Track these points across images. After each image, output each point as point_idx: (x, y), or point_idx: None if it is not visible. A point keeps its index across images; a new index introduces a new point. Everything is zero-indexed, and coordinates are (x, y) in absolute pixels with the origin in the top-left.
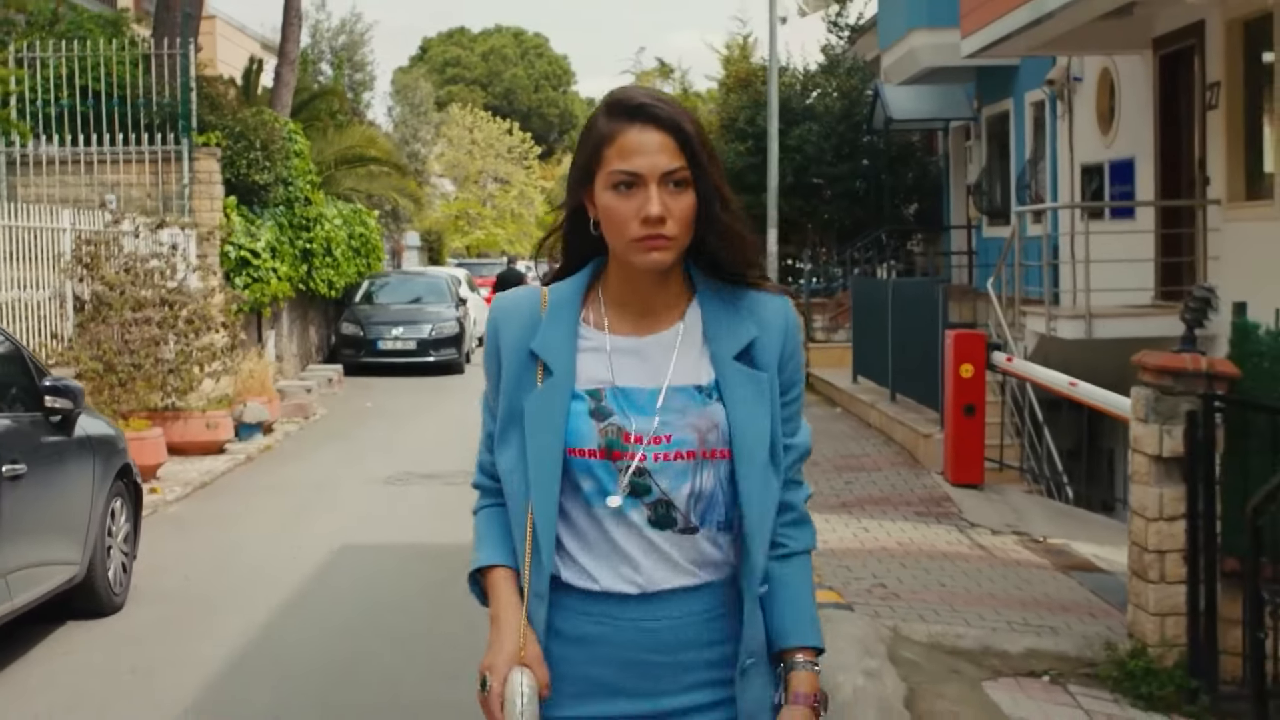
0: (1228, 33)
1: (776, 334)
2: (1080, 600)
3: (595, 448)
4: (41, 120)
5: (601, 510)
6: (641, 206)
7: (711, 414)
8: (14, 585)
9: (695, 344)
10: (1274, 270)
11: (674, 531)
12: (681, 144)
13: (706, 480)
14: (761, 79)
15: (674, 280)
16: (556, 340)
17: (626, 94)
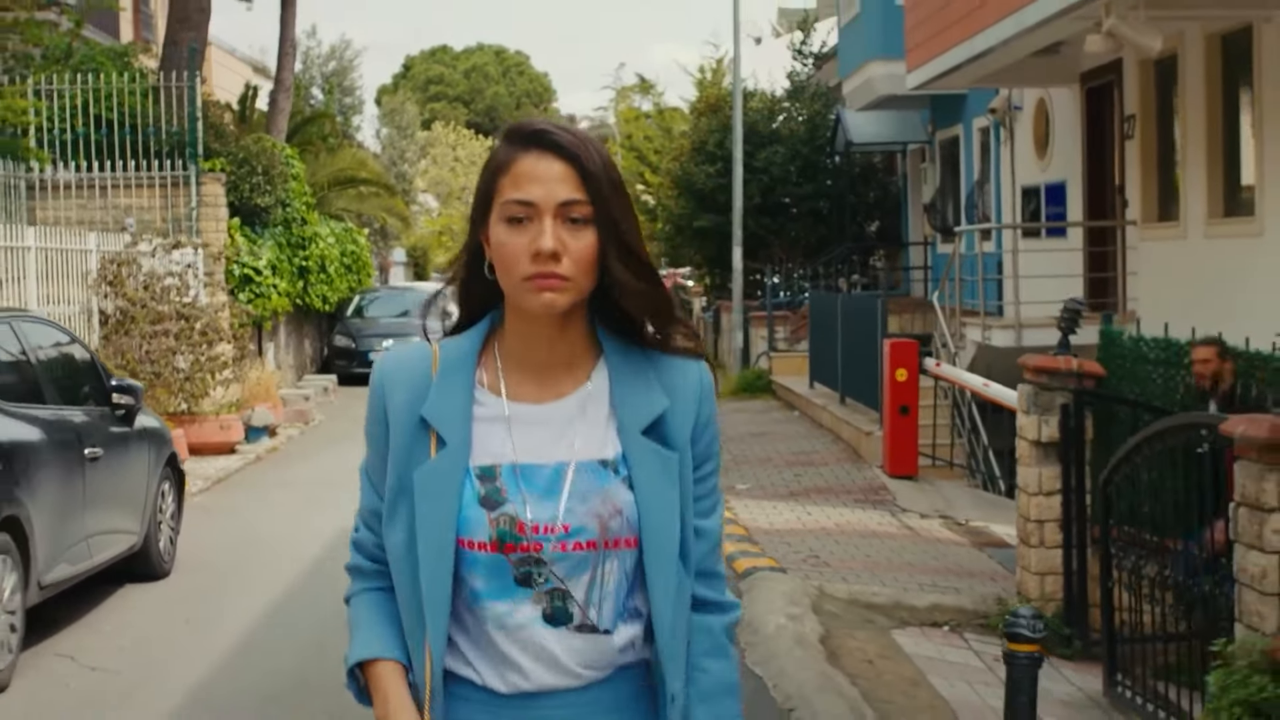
0: (1141, 71)
1: (689, 403)
2: (986, 569)
3: (486, 540)
4: (58, 147)
5: (486, 609)
6: (534, 240)
7: (615, 497)
8: (94, 546)
9: (601, 412)
10: (1181, 283)
11: (569, 629)
12: (584, 177)
13: (609, 572)
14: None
15: (577, 335)
16: (449, 407)
17: (527, 120)
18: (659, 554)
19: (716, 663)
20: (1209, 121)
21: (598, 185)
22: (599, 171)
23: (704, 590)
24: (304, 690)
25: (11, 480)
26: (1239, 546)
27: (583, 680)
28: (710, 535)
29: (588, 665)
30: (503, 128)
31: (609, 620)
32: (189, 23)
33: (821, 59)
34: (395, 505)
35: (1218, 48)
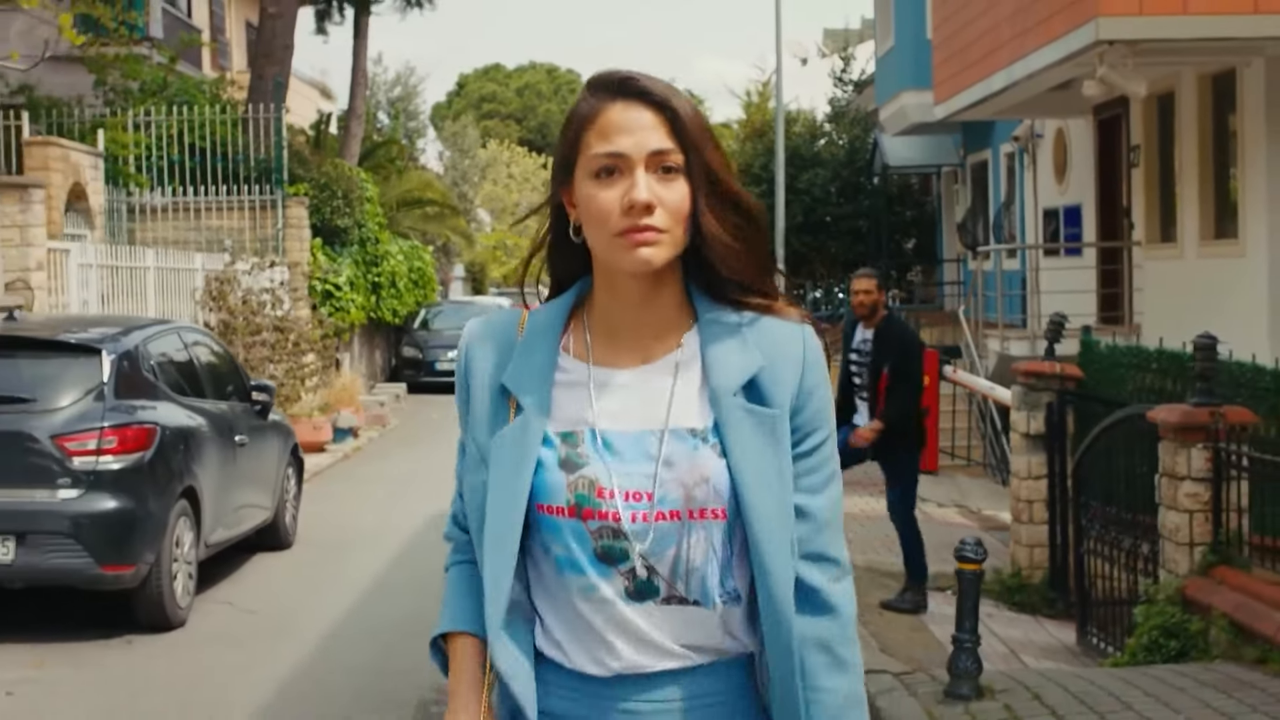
0: (1144, 106)
1: (791, 365)
2: (988, 546)
3: (564, 504)
4: (155, 173)
5: (570, 580)
6: (626, 193)
7: (701, 464)
8: (241, 517)
9: (694, 378)
10: (1178, 298)
11: (656, 603)
12: (674, 124)
13: (696, 546)
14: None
15: (670, 299)
16: (530, 372)
17: (611, 69)
18: (761, 519)
19: (835, 679)
20: (1200, 152)
21: (689, 133)
22: (690, 118)
23: (815, 575)
24: (412, 633)
25: (189, 459)
26: (1161, 508)
27: (683, 661)
28: (818, 515)
29: (685, 643)
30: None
31: (698, 592)
32: (273, 58)
33: (861, 85)
34: (475, 476)
35: (1209, 87)
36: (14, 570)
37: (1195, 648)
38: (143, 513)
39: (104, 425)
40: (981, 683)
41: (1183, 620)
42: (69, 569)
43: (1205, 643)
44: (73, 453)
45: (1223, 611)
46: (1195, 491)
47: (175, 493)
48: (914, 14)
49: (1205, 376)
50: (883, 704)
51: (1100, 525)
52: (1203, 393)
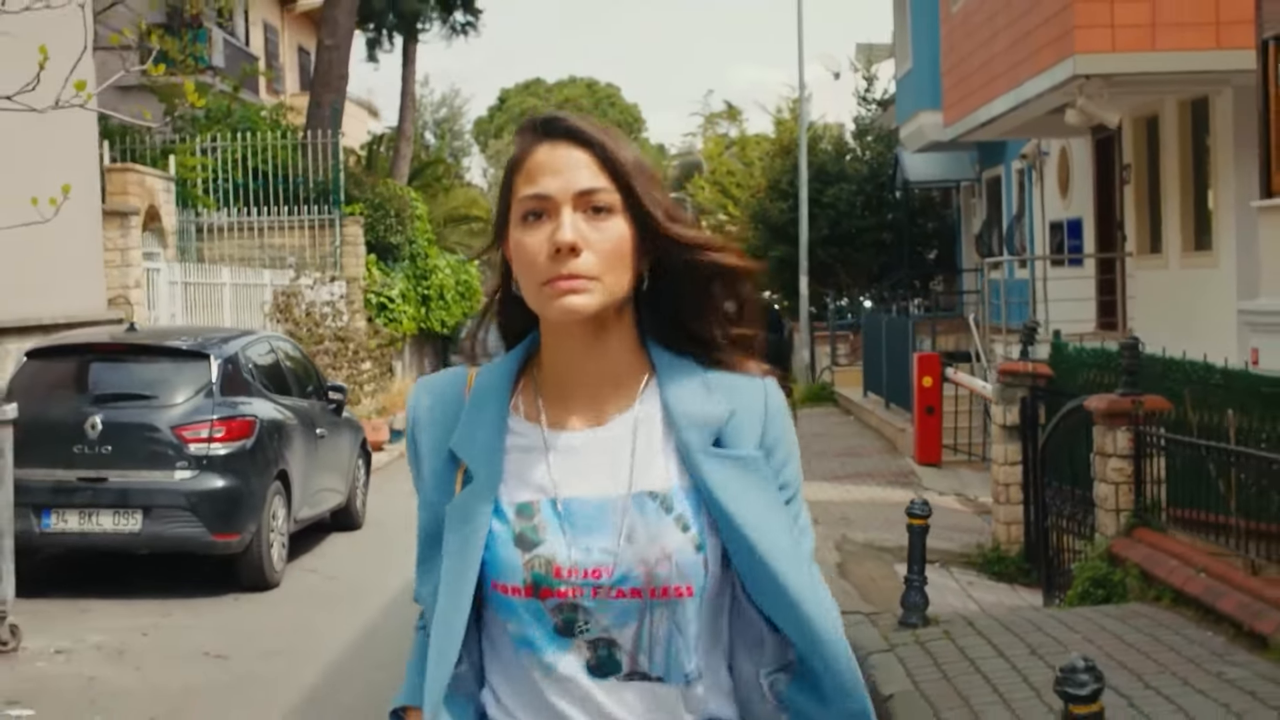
0: (1134, 128)
1: (752, 418)
2: (977, 527)
3: (519, 584)
4: (221, 194)
5: (528, 658)
6: (551, 235)
7: (663, 540)
8: (322, 499)
9: (655, 434)
10: (1164, 305)
11: (618, 679)
12: (605, 161)
13: (659, 623)
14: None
15: (621, 349)
16: (479, 437)
17: (539, 112)
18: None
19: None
20: (1181, 171)
21: (621, 168)
22: (623, 154)
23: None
24: None
25: (281, 447)
26: (1095, 481)
27: None
28: None
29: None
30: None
31: (662, 668)
32: (330, 86)
33: (885, 103)
34: (427, 550)
35: (1188, 112)
36: (141, 538)
37: (1116, 594)
38: (246, 490)
39: (213, 418)
40: (928, 615)
41: (1108, 573)
42: (185, 537)
43: (1124, 590)
44: (188, 440)
45: (1135, 562)
46: (1120, 466)
47: (271, 474)
48: (929, 40)
49: (1129, 371)
50: (851, 634)
51: (1059, 502)
52: (1127, 385)
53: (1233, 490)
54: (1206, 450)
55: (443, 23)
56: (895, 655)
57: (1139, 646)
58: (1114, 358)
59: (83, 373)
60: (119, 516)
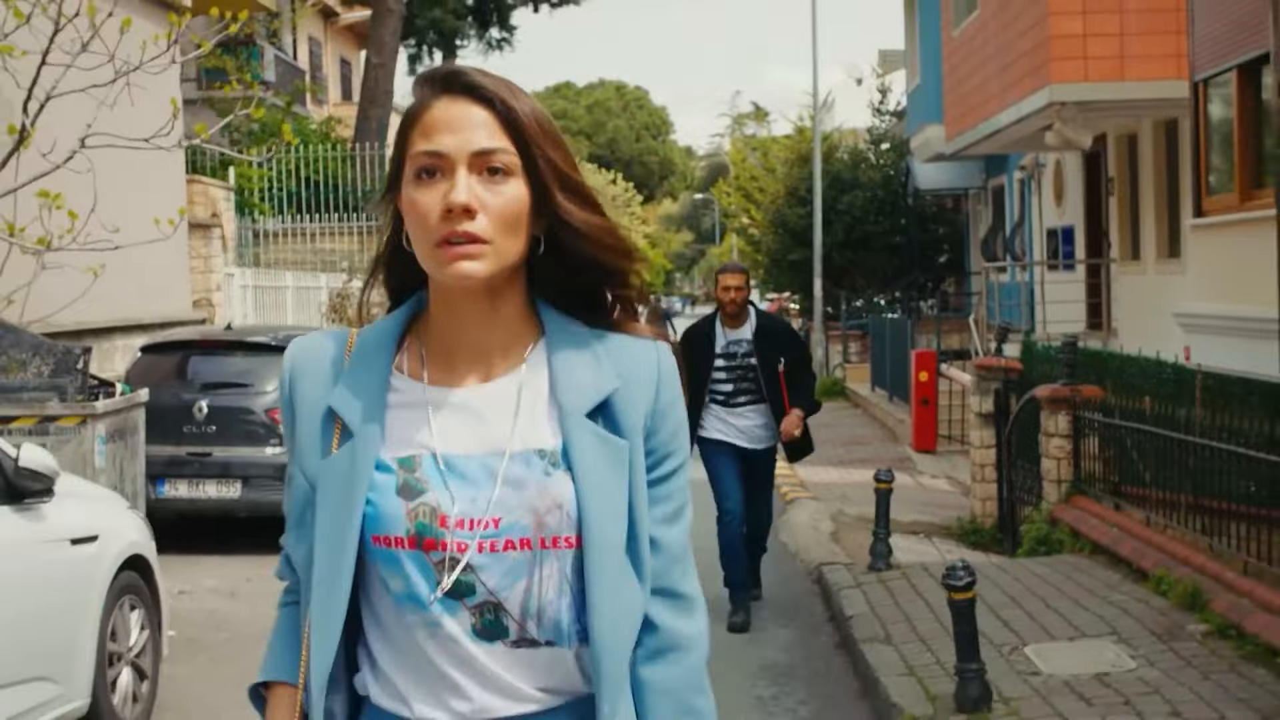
0: (1117, 144)
1: (644, 386)
2: (961, 504)
3: (403, 534)
4: (275, 202)
5: (412, 617)
6: (445, 195)
7: (554, 490)
8: None
9: (541, 397)
10: (1143, 308)
11: (506, 644)
12: (506, 121)
13: (549, 579)
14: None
15: (511, 311)
16: (360, 394)
17: (442, 66)
18: (600, 552)
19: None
20: (1156, 185)
21: (523, 128)
22: (524, 113)
23: (662, 612)
24: None
25: None
26: (1042, 457)
27: (537, 705)
28: (670, 548)
29: (539, 685)
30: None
31: (551, 631)
32: (377, 101)
33: (899, 114)
34: (301, 514)
35: (1162, 132)
36: (240, 504)
37: (1055, 549)
38: None
39: None
40: (891, 562)
41: (1049, 532)
42: (277, 503)
43: (1061, 545)
44: (279, 421)
45: (1068, 523)
46: (1061, 444)
47: None
48: (936, 59)
49: (1069, 364)
50: (830, 577)
51: (1022, 478)
52: (1067, 376)
53: (1147, 463)
54: (1124, 430)
55: (479, 39)
56: (860, 590)
57: (1053, 583)
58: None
59: (189, 365)
60: (222, 485)
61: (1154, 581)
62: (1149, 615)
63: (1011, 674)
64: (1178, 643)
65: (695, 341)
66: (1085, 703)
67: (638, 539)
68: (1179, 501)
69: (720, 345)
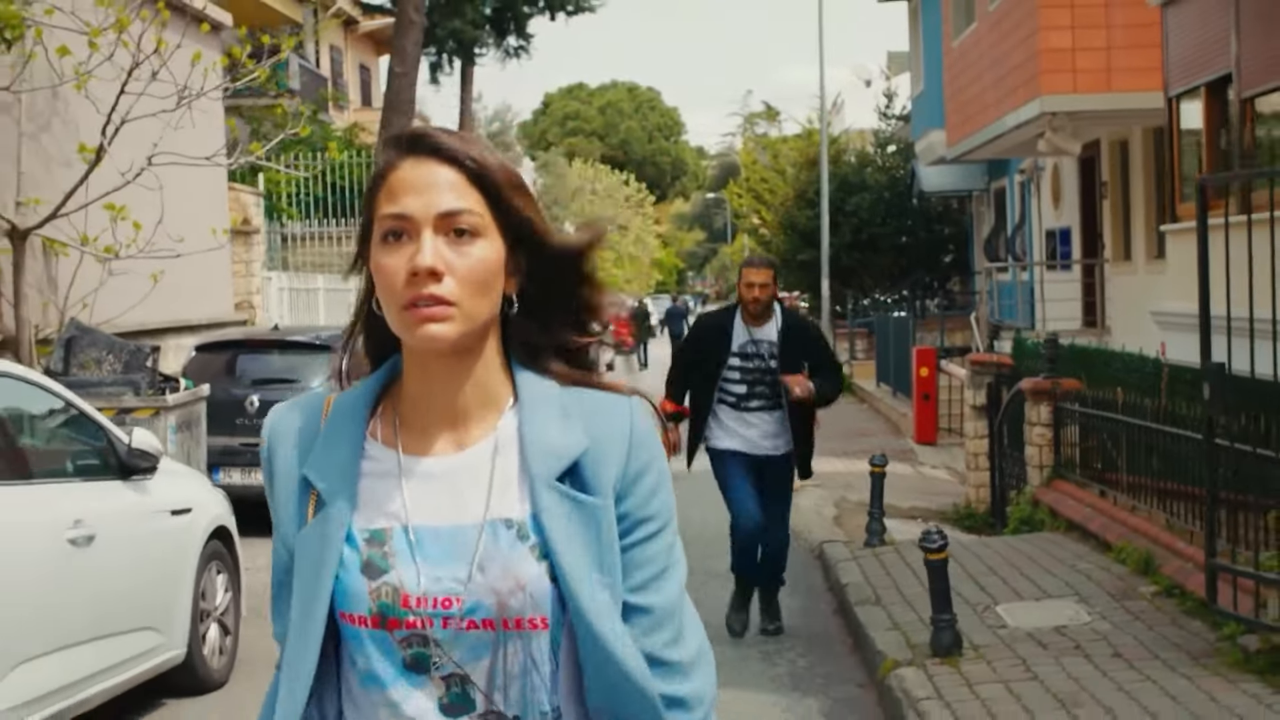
0: (1110, 150)
1: (615, 447)
2: (957, 492)
3: (365, 613)
4: (301, 207)
5: (375, 696)
6: (411, 258)
7: (516, 569)
8: None
9: (512, 463)
10: (1133, 307)
11: (471, 718)
12: (474, 180)
13: (512, 655)
14: (831, 157)
15: (484, 373)
16: (333, 462)
17: (411, 128)
18: (589, 616)
19: None
20: (1145, 190)
21: (492, 188)
22: (491, 171)
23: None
24: None
25: None
26: (1026, 445)
27: None
28: (651, 614)
29: None
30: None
31: (518, 706)
32: (400, 110)
33: (904, 118)
34: (283, 579)
35: (1151, 138)
36: None
37: (1036, 529)
38: None
39: None
40: (885, 539)
41: (1032, 513)
42: None
43: (1041, 525)
44: None
45: (1047, 504)
46: (1043, 432)
47: None
48: (938, 66)
49: (1050, 359)
50: (830, 552)
51: (1010, 464)
52: (1049, 369)
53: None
54: (1097, 419)
55: (497, 47)
56: (856, 562)
57: (1028, 555)
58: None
59: (239, 362)
60: None
61: (1116, 551)
62: (1108, 579)
63: (982, 627)
64: (1129, 601)
65: (708, 334)
66: (1043, 648)
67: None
68: (1143, 484)
69: (738, 343)
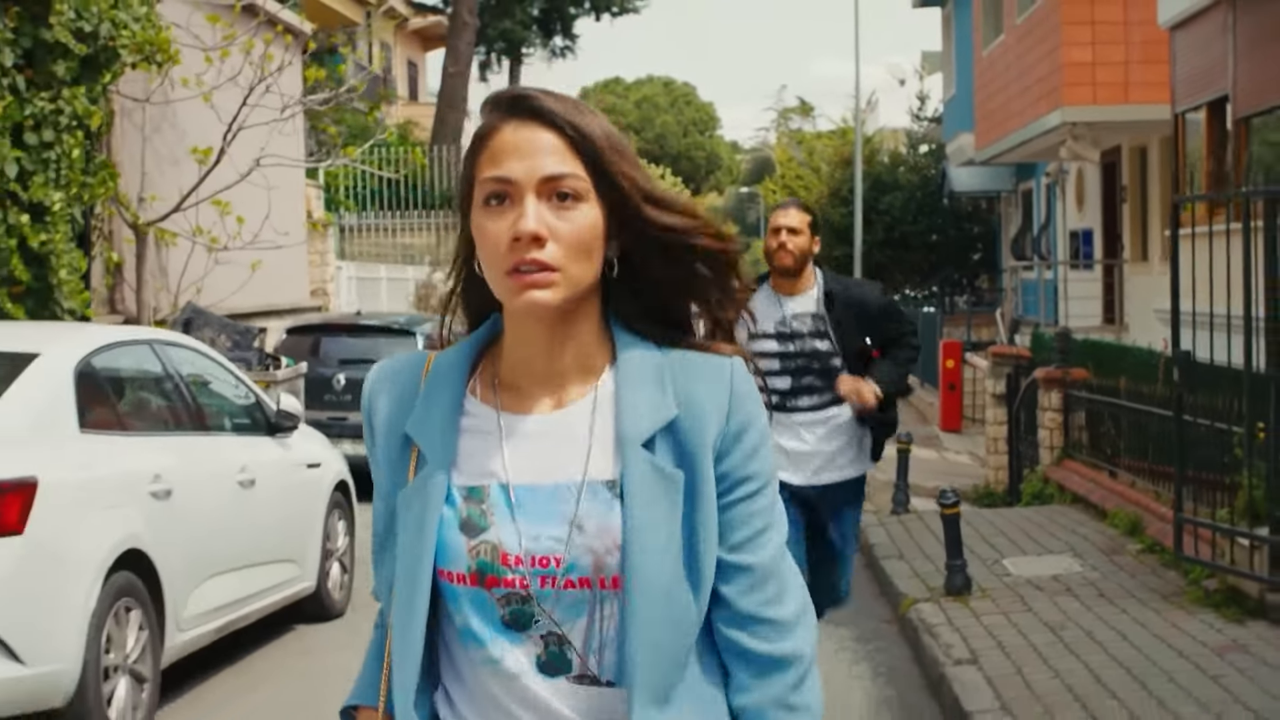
0: (1130, 155)
1: (713, 408)
2: (979, 474)
3: (464, 571)
4: (359, 200)
5: (474, 652)
6: (514, 223)
7: (614, 529)
8: None
9: (609, 424)
10: (1150, 303)
11: (568, 680)
12: (575, 145)
13: (610, 618)
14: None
15: (585, 335)
16: (433, 420)
17: (508, 89)
18: (640, 586)
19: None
20: (1162, 194)
21: (596, 153)
22: (597, 136)
23: (749, 641)
24: None
25: None
26: (1039, 428)
27: None
28: (753, 573)
29: None
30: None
31: (612, 671)
32: (454, 106)
33: (936, 120)
34: (384, 537)
35: (1169, 146)
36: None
37: (1046, 503)
38: None
39: None
40: (909, 509)
41: (1042, 489)
42: None
43: (1051, 499)
44: None
45: (1055, 480)
46: (1054, 417)
47: None
48: (969, 72)
49: (1062, 350)
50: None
51: (1025, 448)
52: (1060, 360)
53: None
54: (1101, 404)
55: (544, 47)
56: (883, 527)
57: (1036, 522)
58: (1076, 345)
59: (326, 344)
60: (355, 444)
61: (1111, 518)
62: (1101, 540)
63: (990, 575)
64: (1117, 556)
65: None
66: (1039, 590)
67: (699, 575)
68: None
69: (770, 321)
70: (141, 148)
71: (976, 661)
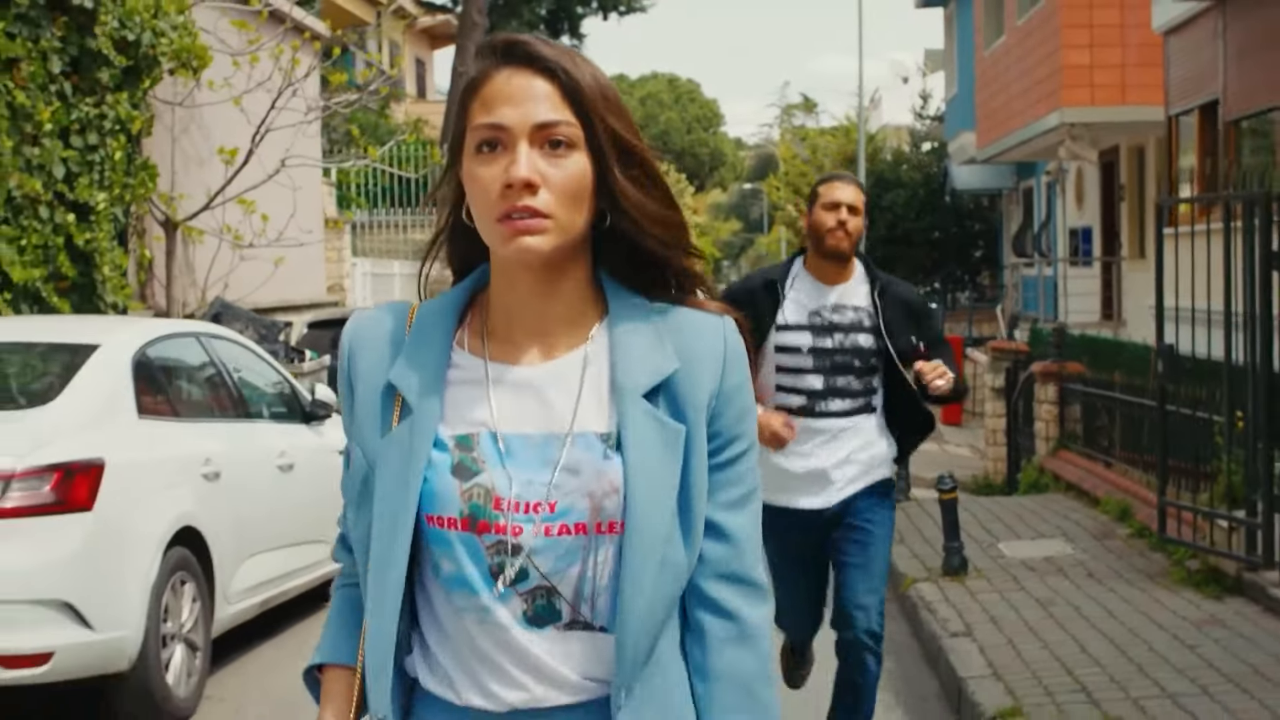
0: (1128, 155)
1: (708, 366)
2: (978, 466)
3: (456, 515)
4: (371, 197)
5: (461, 601)
6: (506, 169)
7: (611, 474)
8: None
9: (602, 376)
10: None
11: (558, 628)
12: (568, 93)
13: (603, 564)
14: (868, 154)
15: (575, 287)
16: (419, 369)
17: (502, 35)
18: (639, 536)
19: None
20: (1158, 192)
21: (587, 101)
22: (589, 85)
23: (733, 599)
24: None
25: None
26: (1035, 420)
27: (585, 695)
28: (738, 533)
29: (588, 674)
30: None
31: (604, 617)
32: None
33: (939, 118)
34: (360, 489)
35: (1165, 147)
36: None
37: (1042, 491)
38: None
39: None
40: (909, 496)
41: (1039, 478)
42: None
43: (1047, 488)
44: None
45: (1051, 470)
46: (1050, 409)
47: None
48: (971, 72)
49: (1057, 345)
50: None
51: (1023, 439)
52: (1055, 354)
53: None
54: (1097, 397)
55: None
56: None
57: (1031, 509)
58: (1072, 339)
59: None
60: None
61: (1102, 505)
62: (1092, 525)
63: (985, 557)
64: (1107, 540)
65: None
66: (1032, 571)
67: (692, 527)
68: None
69: (803, 310)
70: (171, 148)
71: (971, 634)
